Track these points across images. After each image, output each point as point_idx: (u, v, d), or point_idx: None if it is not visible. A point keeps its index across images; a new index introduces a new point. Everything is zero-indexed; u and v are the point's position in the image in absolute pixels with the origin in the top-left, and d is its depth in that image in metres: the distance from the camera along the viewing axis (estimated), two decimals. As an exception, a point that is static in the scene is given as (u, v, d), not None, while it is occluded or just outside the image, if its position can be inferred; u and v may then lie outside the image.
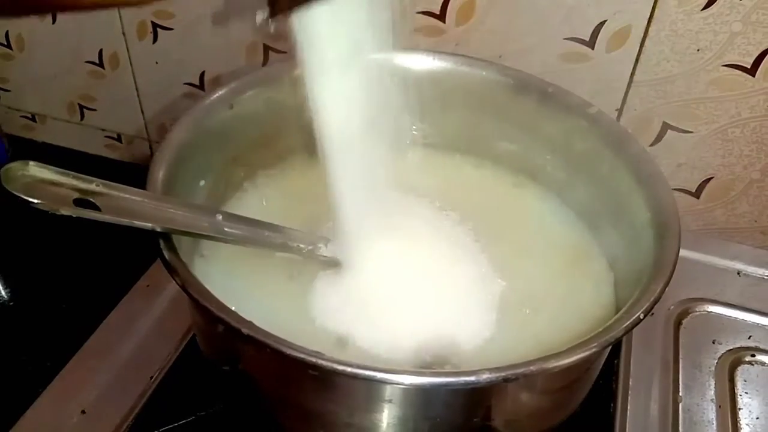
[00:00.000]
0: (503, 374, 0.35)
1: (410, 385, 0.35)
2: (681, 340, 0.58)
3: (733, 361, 0.57)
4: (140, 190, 0.41)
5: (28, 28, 0.80)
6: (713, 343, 0.58)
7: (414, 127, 0.61)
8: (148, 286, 0.61)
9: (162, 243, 0.40)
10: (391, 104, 0.55)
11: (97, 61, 0.79)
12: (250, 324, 0.36)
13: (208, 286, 0.38)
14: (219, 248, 0.49)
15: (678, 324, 0.59)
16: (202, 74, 0.76)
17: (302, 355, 0.34)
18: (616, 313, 0.46)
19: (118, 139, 0.86)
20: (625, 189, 0.50)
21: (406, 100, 0.59)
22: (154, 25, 0.74)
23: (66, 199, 0.37)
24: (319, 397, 0.40)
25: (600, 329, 0.39)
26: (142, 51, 0.76)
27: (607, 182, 0.52)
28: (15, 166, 0.36)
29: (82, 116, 0.86)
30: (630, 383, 0.55)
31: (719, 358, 0.57)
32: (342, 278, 0.49)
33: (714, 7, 0.56)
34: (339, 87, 0.43)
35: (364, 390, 0.39)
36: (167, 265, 0.39)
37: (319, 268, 0.50)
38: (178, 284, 0.38)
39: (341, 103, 0.43)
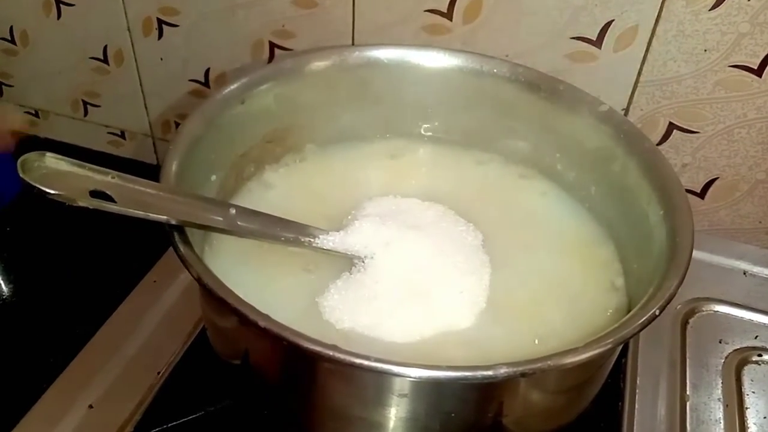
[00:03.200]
0: (521, 369, 0.35)
1: (427, 378, 0.35)
2: (688, 340, 0.58)
3: (740, 360, 0.57)
4: (155, 183, 0.41)
5: (33, 24, 0.79)
6: (720, 342, 0.58)
7: (425, 124, 0.61)
8: (155, 281, 0.61)
9: (176, 236, 0.40)
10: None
11: (102, 58, 0.79)
12: (266, 317, 0.35)
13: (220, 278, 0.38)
14: (229, 239, 0.49)
15: (685, 323, 0.59)
16: (207, 71, 0.76)
17: (319, 348, 0.34)
18: (628, 311, 0.46)
19: (122, 135, 0.86)
20: (637, 187, 0.50)
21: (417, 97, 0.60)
22: (160, 22, 0.73)
23: (82, 190, 0.37)
24: (332, 391, 0.40)
25: (615, 325, 0.39)
26: (147, 47, 0.76)
27: (618, 180, 0.52)
28: (32, 156, 0.36)
29: (86, 112, 0.85)
30: (638, 382, 0.55)
31: (726, 357, 0.57)
32: (349, 274, 0.49)
33: (722, 8, 0.56)
34: None
35: (379, 384, 0.38)
36: (181, 257, 0.39)
37: (332, 262, 0.50)
38: (192, 276, 0.38)
39: None
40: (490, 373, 0.34)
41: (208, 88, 0.77)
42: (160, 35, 0.74)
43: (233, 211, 0.45)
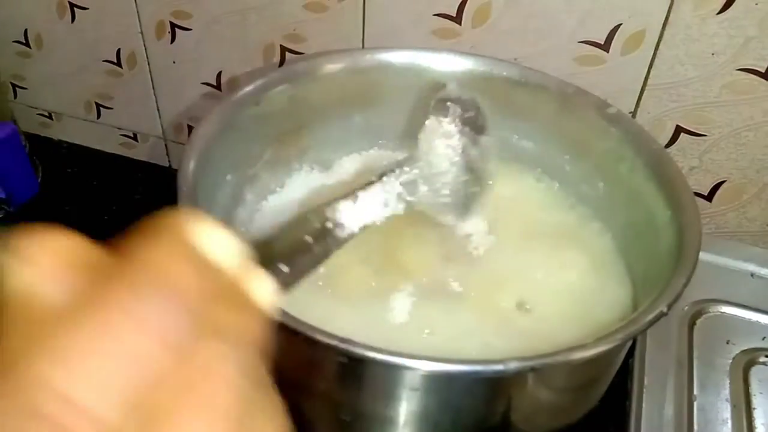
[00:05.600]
0: (531, 363, 0.35)
1: (439, 372, 0.35)
2: (695, 341, 0.58)
3: (748, 361, 0.57)
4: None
5: (47, 27, 0.80)
6: (727, 343, 0.58)
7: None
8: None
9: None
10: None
11: (115, 60, 0.80)
12: (281, 310, 0.36)
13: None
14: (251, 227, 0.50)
15: (692, 325, 0.60)
16: (219, 74, 0.77)
17: (334, 342, 0.35)
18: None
19: (134, 138, 0.87)
20: (645, 188, 0.50)
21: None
22: (172, 25, 0.74)
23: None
24: (345, 385, 0.41)
25: (624, 322, 0.39)
26: (160, 51, 0.77)
27: (626, 181, 0.53)
28: None
29: (99, 115, 0.86)
30: (645, 382, 0.55)
31: (733, 358, 0.57)
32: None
33: (729, 11, 0.57)
34: None
35: (392, 377, 0.39)
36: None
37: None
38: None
39: None
40: (500, 367, 0.35)
41: (220, 91, 0.78)
42: (173, 39, 0.75)
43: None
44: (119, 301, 0.15)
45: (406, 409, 0.40)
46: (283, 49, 0.72)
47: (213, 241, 0.17)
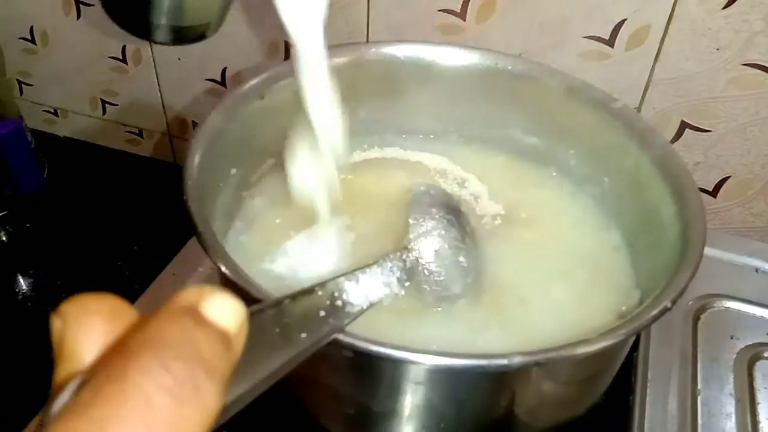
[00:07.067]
0: (535, 358, 0.35)
1: (443, 366, 0.35)
2: (699, 336, 0.58)
3: (752, 356, 0.57)
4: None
5: (53, 23, 0.81)
6: (731, 338, 0.58)
7: (439, 121, 0.62)
8: (174, 274, 0.62)
9: (198, 225, 0.41)
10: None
11: (120, 57, 0.80)
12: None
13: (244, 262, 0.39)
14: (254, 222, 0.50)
15: (696, 319, 0.60)
16: (224, 71, 0.77)
17: (339, 336, 0.35)
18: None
19: (140, 134, 0.87)
20: (649, 182, 0.50)
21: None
22: (178, 22, 0.75)
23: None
24: (349, 379, 0.41)
25: (628, 318, 0.39)
26: (165, 47, 0.77)
27: (631, 176, 0.53)
28: None
29: (104, 111, 0.87)
30: (649, 376, 0.55)
31: (737, 353, 0.57)
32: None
33: (735, 6, 0.57)
34: None
35: (396, 371, 0.39)
36: (202, 243, 0.40)
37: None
38: (213, 264, 0.39)
39: None
40: (504, 361, 0.35)
41: (225, 87, 0.78)
42: (178, 35, 0.75)
43: None
44: (144, 370, 0.17)
45: (410, 403, 0.40)
46: (288, 46, 0.72)
47: (220, 308, 0.19)
